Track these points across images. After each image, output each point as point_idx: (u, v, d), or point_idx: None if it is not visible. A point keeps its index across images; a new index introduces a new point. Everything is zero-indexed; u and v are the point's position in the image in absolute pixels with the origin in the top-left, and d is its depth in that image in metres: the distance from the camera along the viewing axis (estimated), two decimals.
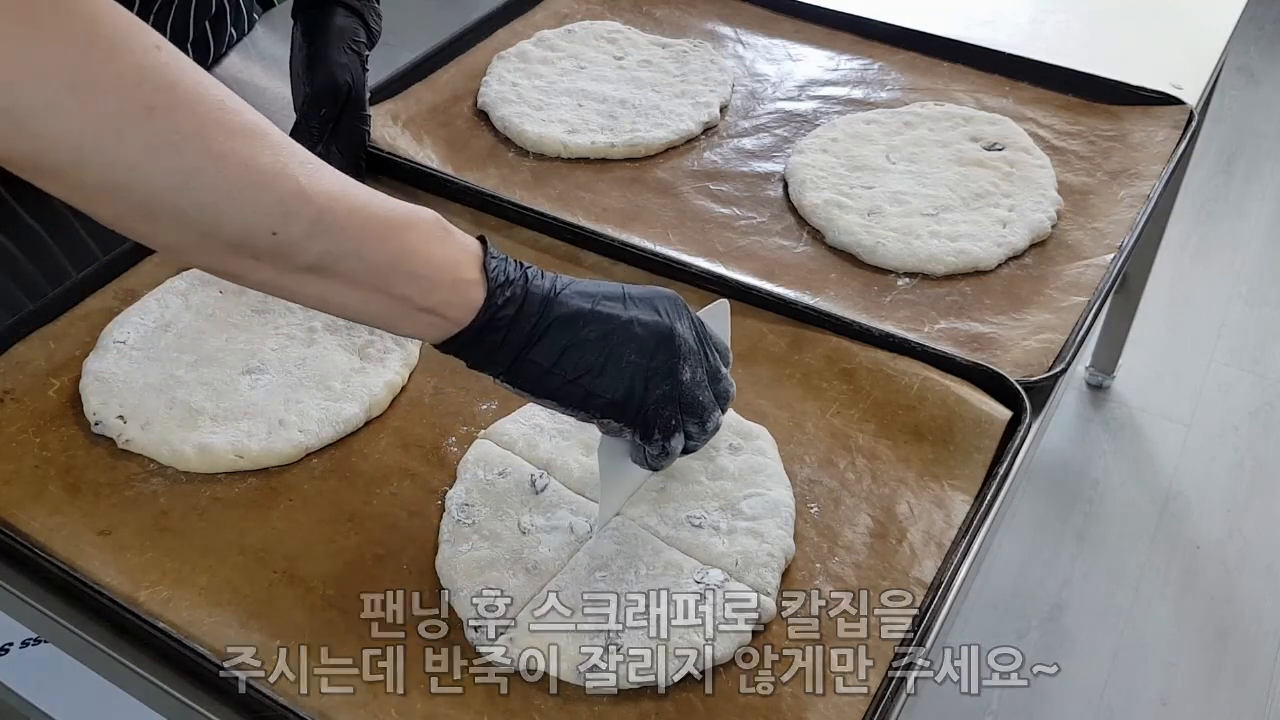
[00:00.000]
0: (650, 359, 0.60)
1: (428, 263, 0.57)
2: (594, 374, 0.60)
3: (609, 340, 0.60)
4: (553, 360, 0.60)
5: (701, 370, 0.62)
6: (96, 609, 0.65)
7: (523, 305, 0.59)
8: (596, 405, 0.60)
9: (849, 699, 0.61)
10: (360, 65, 0.91)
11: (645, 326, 0.60)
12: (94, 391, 0.75)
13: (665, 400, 0.61)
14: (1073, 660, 1.44)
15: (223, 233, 0.52)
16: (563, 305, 0.60)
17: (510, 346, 0.59)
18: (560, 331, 0.59)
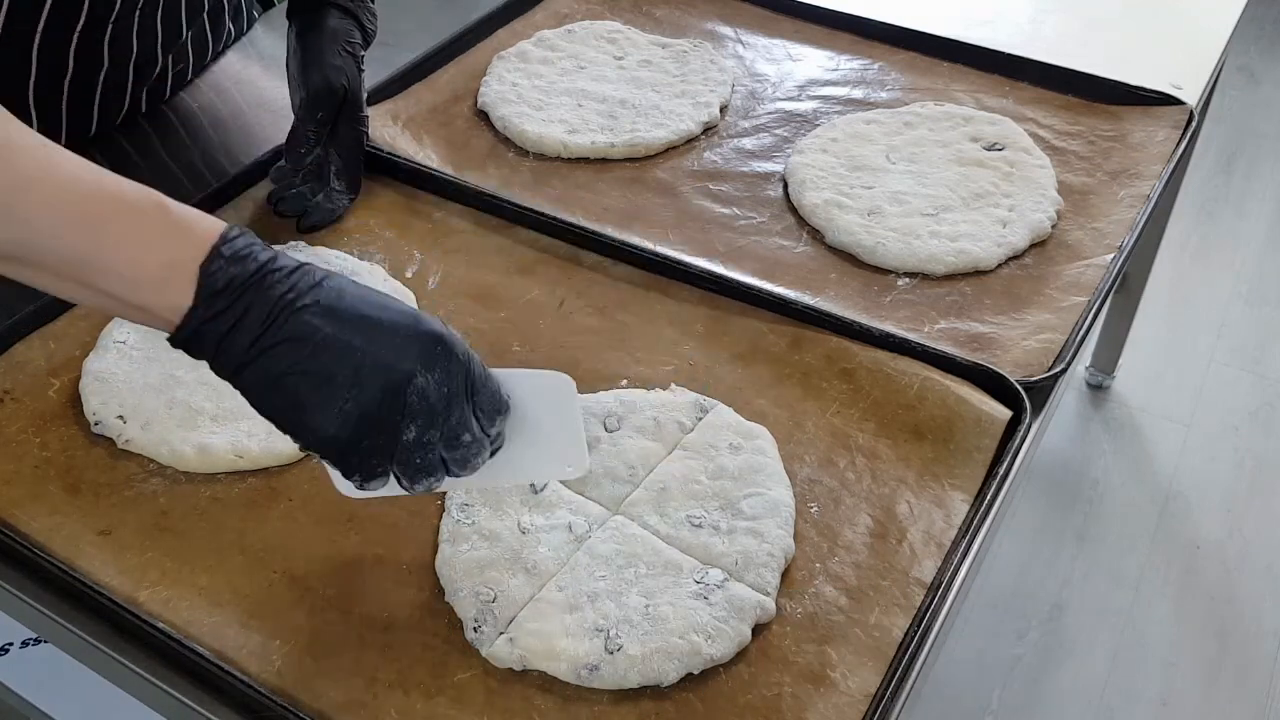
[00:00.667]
0: (369, 407, 0.55)
1: (132, 260, 0.53)
2: (303, 409, 0.55)
3: (329, 377, 0.54)
4: (270, 381, 0.55)
5: (435, 432, 0.56)
6: (96, 609, 0.65)
7: (243, 317, 0.54)
8: (304, 439, 0.56)
9: (849, 699, 0.61)
10: (356, 67, 0.91)
11: (377, 370, 0.55)
12: (94, 391, 0.75)
13: (374, 452, 0.56)
14: (1073, 660, 1.44)
15: None
16: (296, 323, 0.54)
17: (230, 357, 0.55)
18: (281, 355, 0.54)
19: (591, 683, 0.61)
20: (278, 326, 0.54)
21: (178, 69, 1.05)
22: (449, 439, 0.57)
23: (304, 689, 0.61)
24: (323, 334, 0.54)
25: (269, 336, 0.54)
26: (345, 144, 0.91)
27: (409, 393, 0.55)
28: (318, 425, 0.55)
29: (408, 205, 0.94)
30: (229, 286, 0.54)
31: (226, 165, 1.00)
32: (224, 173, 0.98)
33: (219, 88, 1.10)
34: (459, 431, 0.57)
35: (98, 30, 0.91)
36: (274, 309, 0.54)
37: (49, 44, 0.89)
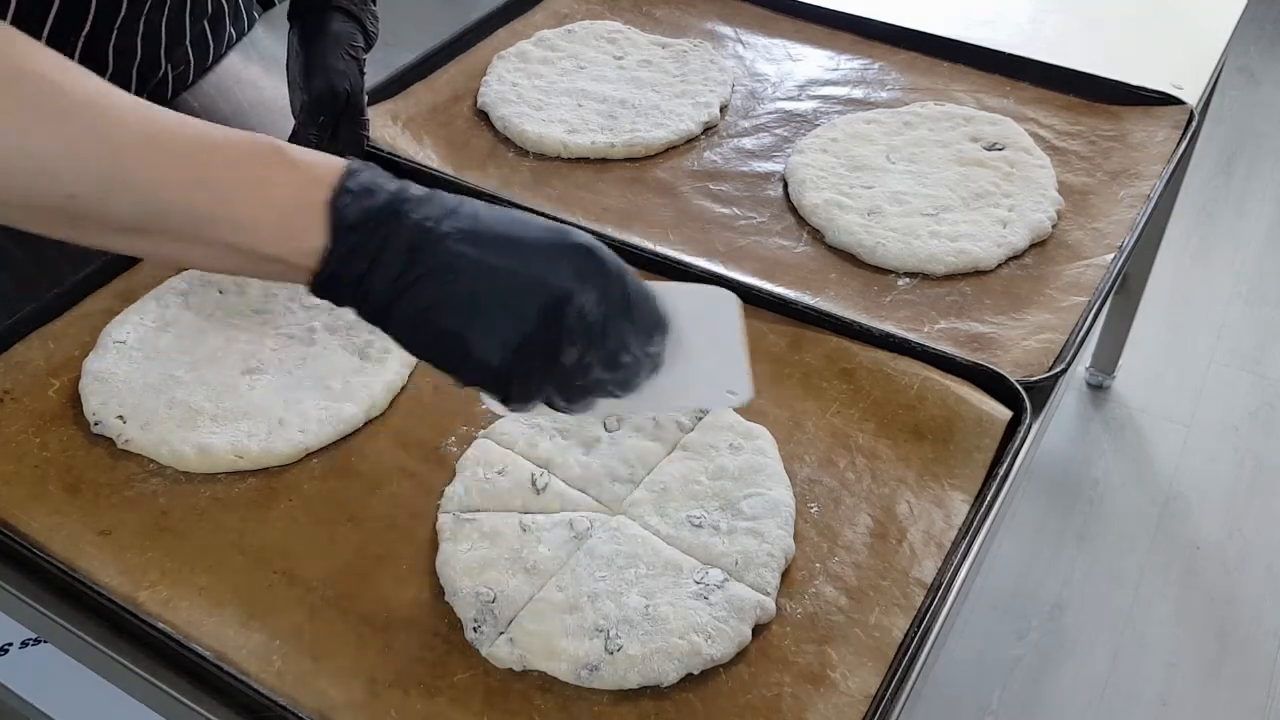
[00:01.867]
0: (529, 332, 0.52)
1: (256, 207, 0.50)
2: (461, 343, 0.52)
3: (483, 305, 0.51)
4: (418, 317, 0.52)
5: (595, 352, 0.53)
6: (96, 609, 0.65)
7: (382, 251, 0.51)
8: (465, 374, 0.54)
9: (849, 699, 0.61)
10: (358, 71, 0.91)
11: (533, 291, 0.51)
12: (94, 392, 0.75)
13: (534, 375, 0.53)
14: (1073, 660, 1.44)
15: (22, 198, 0.48)
16: (439, 252, 0.51)
17: (373, 297, 0.52)
18: (428, 287, 0.51)
19: (591, 683, 0.61)
20: (420, 257, 0.51)
21: (178, 71, 1.05)
22: (608, 359, 0.54)
23: (304, 689, 0.61)
24: (469, 259, 0.51)
25: (413, 269, 0.51)
26: (346, 146, 0.91)
27: (568, 312, 0.52)
28: (479, 357, 0.52)
29: None
30: (363, 220, 0.51)
31: None
32: None
33: (220, 88, 1.10)
34: (617, 350, 0.54)
35: (102, 35, 0.91)
36: (413, 239, 0.51)
37: (54, 49, 0.89)
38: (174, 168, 0.50)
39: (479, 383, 0.54)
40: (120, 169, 0.48)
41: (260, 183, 0.51)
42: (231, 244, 0.51)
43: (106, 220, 0.50)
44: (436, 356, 0.54)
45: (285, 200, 0.51)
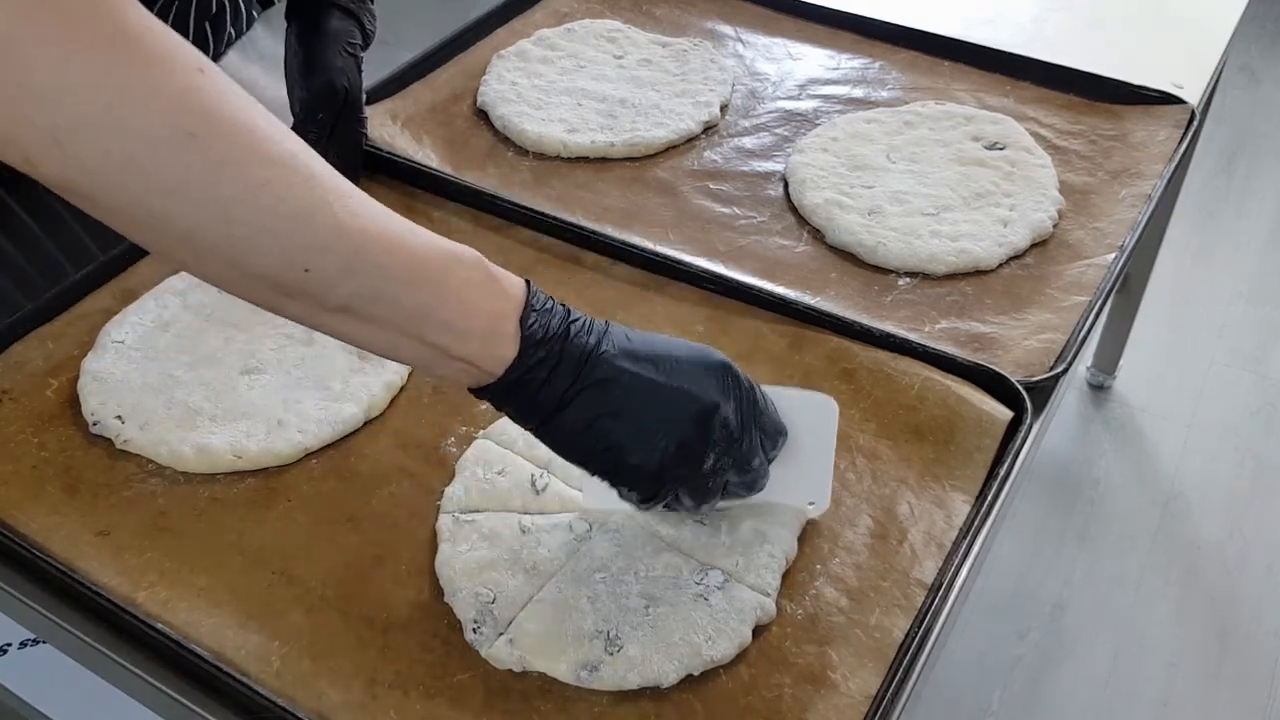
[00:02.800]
0: (684, 440, 0.58)
1: (463, 313, 0.54)
2: (621, 450, 0.57)
3: (642, 415, 0.57)
4: (583, 425, 0.57)
5: (728, 458, 0.60)
6: (95, 609, 0.64)
7: (558, 365, 0.56)
8: (622, 478, 0.59)
9: (849, 700, 0.61)
10: (356, 68, 0.91)
11: (687, 403, 0.57)
12: (92, 392, 0.75)
13: (677, 480, 0.59)
14: (1073, 660, 1.44)
15: (255, 266, 0.50)
16: (604, 368, 0.56)
17: (541, 407, 0.56)
18: (593, 399, 0.56)
19: (591, 684, 0.61)
20: (588, 371, 0.56)
21: None
22: (740, 464, 0.60)
23: (303, 689, 0.61)
24: (629, 374, 0.57)
25: (580, 382, 0.56)
26: (344, 145, 0.91)
27: (714, 424, 0.58)
28: (638, 462, 0.58)
29: (407, 205, 0.94)
30: (546, 338, 0.56)
31: None
32: None
33: None
34: (750, 456, 0.61)
35: None
36: (583, 355, 0.56)
37: None
38: (404, 261, 0.53)
39: (632, 484, 0.59)
40: (360, 255, 0.51)
41: (469, 289, 0.54)
42: (433, 341, 0.54)
43: (327, 299, 0.52)
44: (597, 461, 0.59)
45: (490, 311, 0.55)
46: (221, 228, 0.48)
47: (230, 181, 0.48)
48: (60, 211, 0.95)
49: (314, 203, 0.50)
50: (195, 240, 0.49)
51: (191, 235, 0.49)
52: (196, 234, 0.48)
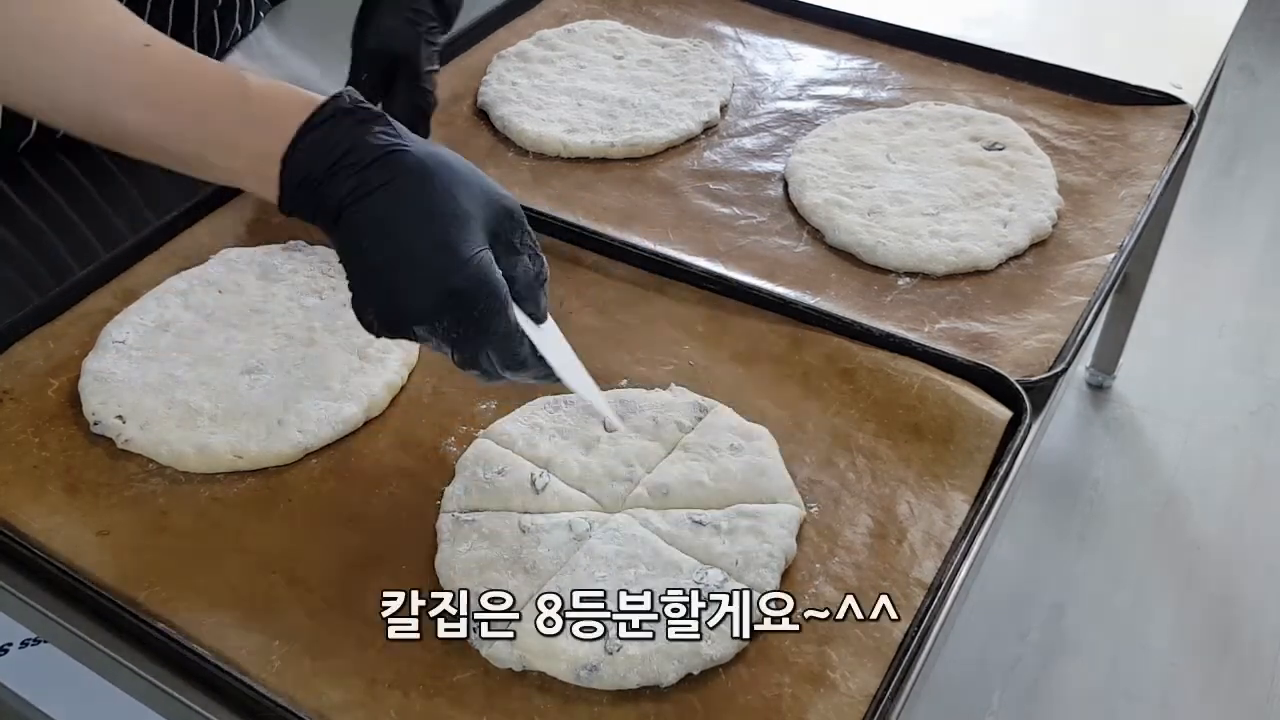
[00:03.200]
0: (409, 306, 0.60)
1: (230, 153, 0.60)
2: (358, 279, 0.60)
3: (375, 262, 0.60)
4: (341, 250, 0.61)
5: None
6: (96, 609, 0.64)
7: (318, 209, 0.60)
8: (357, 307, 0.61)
9: (849, 700, 0.61)
10: (414, 33, 0.88)
11: (426, 271, 0.59)
12: (93, 391, 0.75)
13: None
14: (1073, 660, 1.44)
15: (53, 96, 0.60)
16: (350, 214, 0.59)
17: (320, 221, 0.61)
18: (344, 237, 0.60)
19: (591, 683, 0.61)
20: (343, 218, 0.59)
21: None
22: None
23: (304, 689, 0.61)
24: (367, 226, 0.59)
25: (336, 224, 0.60)
26: (403, 113, 0.86)
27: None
28: (366, 303, 0.60)
29: None
30: (308, 179, 0.59)
31: None
32: None
33: None
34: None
35: None
36: (338, 203, 0.59)
37: None
38: (180, 98, 0.60)
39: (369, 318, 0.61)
40: (143, 88, 0.60)
41: (239, 128, 0.60)
42: (215, 176, 0.63)
43: (135, 152, 0.61)
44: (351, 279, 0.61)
45: (254, 151, 0.60)
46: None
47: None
48: (62, 206, 0.95)
49: (92, 34, 0.59)
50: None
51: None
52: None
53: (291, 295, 0.83)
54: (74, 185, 0.97)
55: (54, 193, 0.97)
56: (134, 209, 0.95)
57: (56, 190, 0.97)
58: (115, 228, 0.93)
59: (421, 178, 0.59)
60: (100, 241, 0.96)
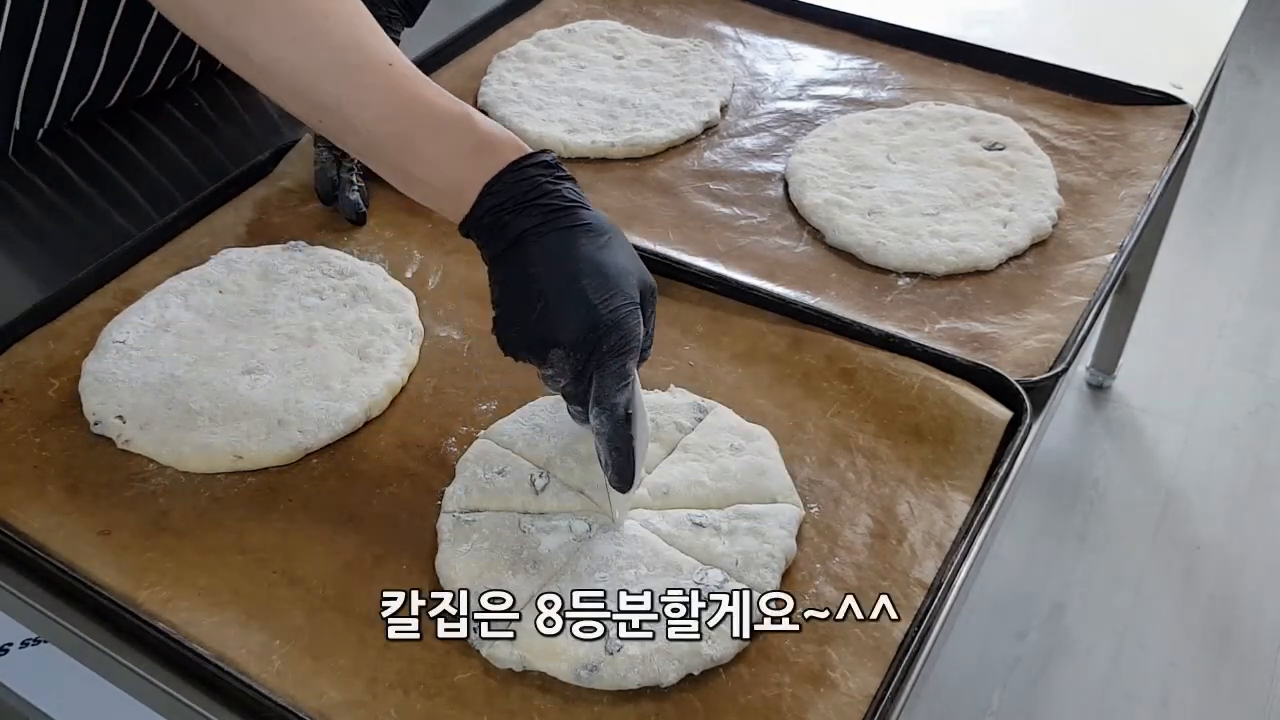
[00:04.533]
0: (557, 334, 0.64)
1: (435, 173, 0.66)
2: (500, 313, 0.66)
3: (517, 301, 0.65)
4: (495, 284, 0.66)
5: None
6: (96, 609, 0.64)
7: (491, 236, 0.65)
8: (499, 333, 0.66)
9: (849, 699, 0.61)
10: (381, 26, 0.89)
11: (574, 311, 0.63)
12: (93, 391, 0.75)
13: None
14: (1073, 660, 1.44)
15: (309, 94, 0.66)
16: (519, 250, 0.64)
17: (486, 253, 0.66)
18: (504, 271, 0.65)
19: (591, 683, 0.61)
20: (512, 251, 0.64)
21: (204, 61, 1.06)
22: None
23: (304, 689, 0.61)
24: (528, 269, 0.64)
25: (503, 254, 0.65)
26: None
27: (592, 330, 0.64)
28: (509, 329, 0.66)
29: (408, 205, 0.94)
30: (496, 206, 0.64)
31: (229, 164, 1.00)
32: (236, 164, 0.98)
33: (229, 78, 1.10)
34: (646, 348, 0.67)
35: (139, 20, 0.92)
36: (518, 234, 0.64)
37: (84, 31, 0.93)
38: (404, 117, 0.66)
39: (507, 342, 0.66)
40: (377, 99, 0.66)
41: (450, 154, 0.66)
42: (414, 187, 0.68)
43: (352, 125, 0.66)
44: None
45: (456, 178, 0.65)
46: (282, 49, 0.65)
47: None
48: (63, 205, 0.95)
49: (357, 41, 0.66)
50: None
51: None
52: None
53: (292, 295, 0.83)
54: (75, 185, 0.97)
55: (54, 192, 0.97)
56: (136, 208, 0.95)
57: (57, 189, 0.97)
58: (117, 227, 0.93)
59: (598, 231, 0.65)
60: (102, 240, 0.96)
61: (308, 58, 0.65)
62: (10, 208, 0.95)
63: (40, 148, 1.00)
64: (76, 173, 0.98)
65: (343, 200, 0.91)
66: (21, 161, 0.98)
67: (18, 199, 0.96)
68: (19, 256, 0.93)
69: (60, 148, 1.00)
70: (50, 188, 0.97)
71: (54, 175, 0.98)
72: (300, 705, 0.60)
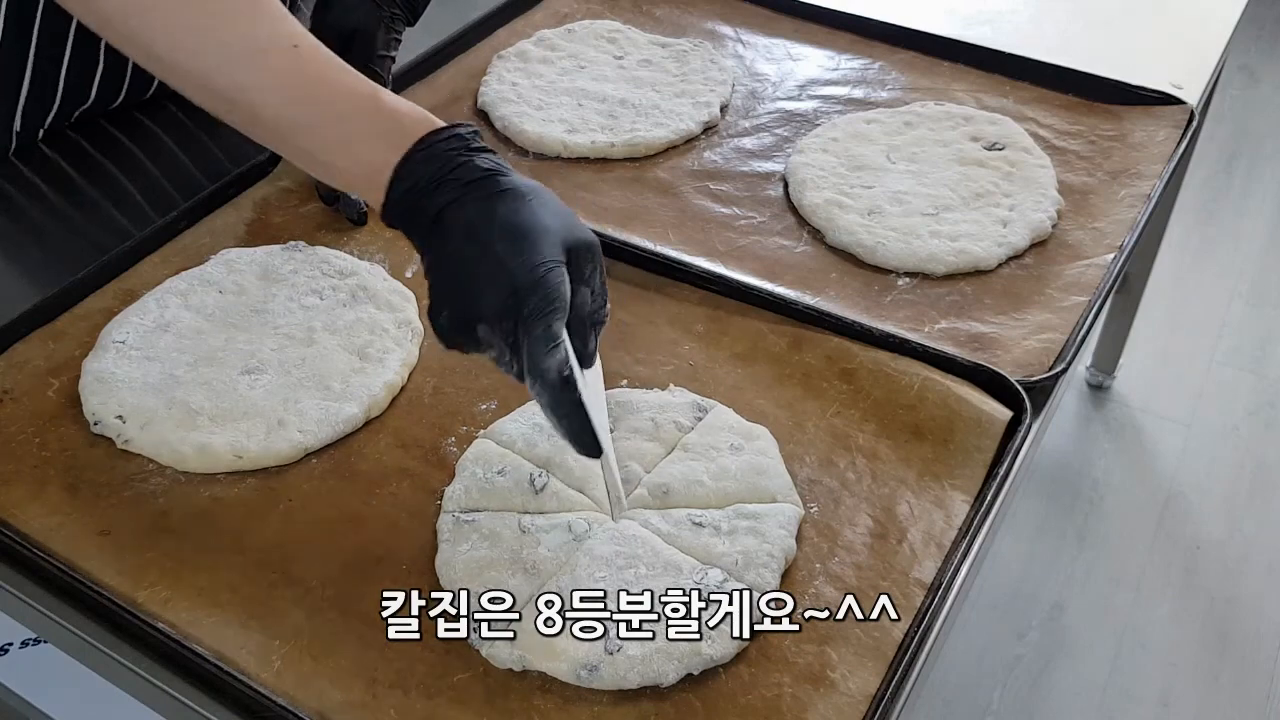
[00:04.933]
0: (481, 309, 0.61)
1: (348, 157, 0.63)
2: (437, 292, 0.62)
3: (454, 275, 0.62)
4: (427, 265, 0.63)
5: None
6: (96, 609, 0.64)
7: (411, 220, 0.62)
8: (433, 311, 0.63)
9: (849, 699, 0.61)
10: (376, 16, 0.88)
11: (496, 279, 0.61)
12: (93, 391, 0.75)
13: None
14: (1073, 660, 1.44)
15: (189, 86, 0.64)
16: (442, 228, 0.62)
17: (411, 235, 0.64)
18: (436, 250, 0.62)
19: (591, 683, 0.61)
20: (436, 229, 0.62)
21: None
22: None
23: (304, 689, 0.61)
24: (457, 245, 0.61)
25: (428, 236, 0.63)
26: None
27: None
28: (442, 308, 0.62)
29: None
30: (410, 189, 0.62)
31: (229, 164, 1.00)
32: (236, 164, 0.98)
33: None
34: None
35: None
36: (434, 214, 0.62)
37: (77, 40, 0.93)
38: (312, 98, 0.63)
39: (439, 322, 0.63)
40: (282, 84, 0.63)
41: (361, 137, 0.63)
42: (325, 173, 0.67)
43: (256, 136, 0.65)
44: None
45: (369, 161, 0.62)
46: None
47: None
48: (64, 205, 0.95)
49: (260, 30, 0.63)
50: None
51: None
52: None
53: (291, 295, 0.83)
54: (75, 185, 0.97)
55: (54, 192, 0.97)
56: (136, 208, 0.95)
57: (57, 189, 0.97)
58: (117, 227, 0.93)
59: (516, 195, 0.62)
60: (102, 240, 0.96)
61: (208, 43, 0.62)
62: (10, 208, 0.95)
63: (41, 148, 1.00)
64: (77, 173, 0.98)
65: (344, 200, 0.91)
66: (22, 161, 0.98)
67: (18, 199, 0.96)
68: (19, 256, 0.93)
69: (61, 148, 1.00)
70: (50, 188, 0.97)
71: (54, 175, 0.98)
72: (300, 705, 0.60)
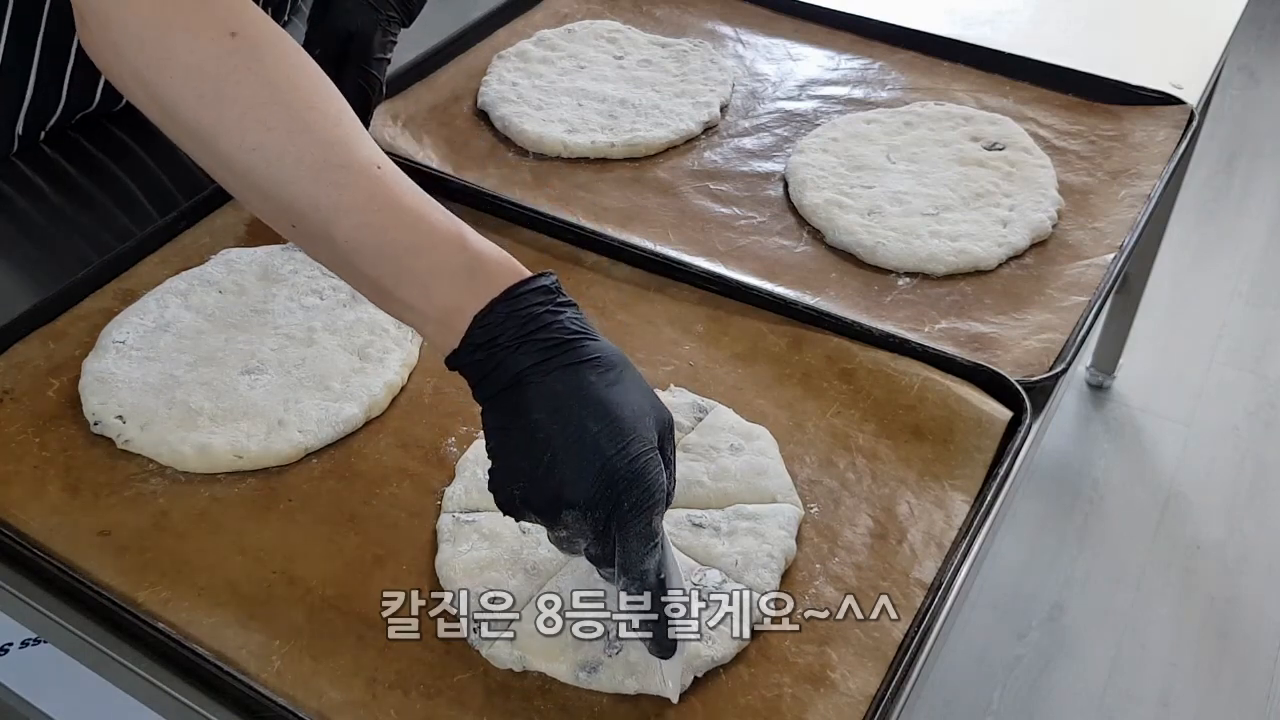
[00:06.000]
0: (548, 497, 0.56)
1: (424, 298, 0.58)
2: (497, 464, 0.58)
3: (512, 450, 0.57)
4: (490, 428, 0.58)
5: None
6: (96, 609, 0.64)
7: (489, 373, 0.57)
8: (495, 486, 0.58)
9: (849, 700, 0.61)
10: (372, 18, 0.87)
11: (569, 470, 0.55)
12: (93, 391, 0.75)
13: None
14: (1073, 660, 1.44)
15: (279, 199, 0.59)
16: (516, 392, 0.56)
17: (479, 394, 0.58)
18: (497, 416, 0.57)
19: (591, 684, 0.61)
20: (507, 393, 0.57)
21: None
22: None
23: (304, 689, 0.61)
24: (526, 416, 0.56)
25: (496, 398, 0.57)
26: (348, 89, 0.83)
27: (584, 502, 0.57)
28: (503, 483, 0.58)
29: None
30: (486, 342, 0.56)
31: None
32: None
33: None
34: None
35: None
36: (515, 375, 0.56)
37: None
38: (392, 231, 0.59)
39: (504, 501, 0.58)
40: (356, 210, 0.58)
41: (441, 278, 0.58)
42: (399, 311, 0.61)
43: (332, 236, 0.59)
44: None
45: (447, 305, 0.58)
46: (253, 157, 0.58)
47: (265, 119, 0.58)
48: (64, 205, 0.95)
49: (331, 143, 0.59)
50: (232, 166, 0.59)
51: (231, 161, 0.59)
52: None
53: (292, 295, 0.83)
54: (75, 185, 0.97)
55: (55, 192, 0.97)
56: (136, 208, 0.95)
57: (58, 189, 0.97)
58: (117, 227, 0.93)
59: (606, 365, 0.57)
60: (102, 240, 0.96)
61: (286, 149, 0.58)
62: (11, 208, 0.95)
63: (42, 148, 1.00)
64: (77, 173, 0.98)
65: None
66: (22, 161, 0.98)
67: (18, 199, 0.96)
68: (19, 256, 0.93)
69: (61, 148, 1.00)
70: (50, 188, 0.97)
71: (55, 175, 0.98)
72: (300, 705, 0.60)
